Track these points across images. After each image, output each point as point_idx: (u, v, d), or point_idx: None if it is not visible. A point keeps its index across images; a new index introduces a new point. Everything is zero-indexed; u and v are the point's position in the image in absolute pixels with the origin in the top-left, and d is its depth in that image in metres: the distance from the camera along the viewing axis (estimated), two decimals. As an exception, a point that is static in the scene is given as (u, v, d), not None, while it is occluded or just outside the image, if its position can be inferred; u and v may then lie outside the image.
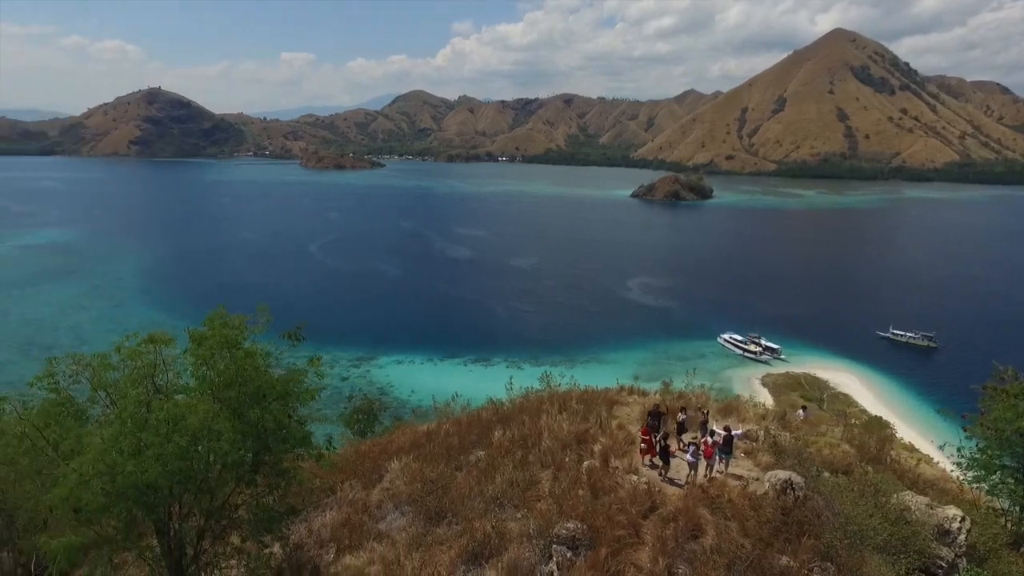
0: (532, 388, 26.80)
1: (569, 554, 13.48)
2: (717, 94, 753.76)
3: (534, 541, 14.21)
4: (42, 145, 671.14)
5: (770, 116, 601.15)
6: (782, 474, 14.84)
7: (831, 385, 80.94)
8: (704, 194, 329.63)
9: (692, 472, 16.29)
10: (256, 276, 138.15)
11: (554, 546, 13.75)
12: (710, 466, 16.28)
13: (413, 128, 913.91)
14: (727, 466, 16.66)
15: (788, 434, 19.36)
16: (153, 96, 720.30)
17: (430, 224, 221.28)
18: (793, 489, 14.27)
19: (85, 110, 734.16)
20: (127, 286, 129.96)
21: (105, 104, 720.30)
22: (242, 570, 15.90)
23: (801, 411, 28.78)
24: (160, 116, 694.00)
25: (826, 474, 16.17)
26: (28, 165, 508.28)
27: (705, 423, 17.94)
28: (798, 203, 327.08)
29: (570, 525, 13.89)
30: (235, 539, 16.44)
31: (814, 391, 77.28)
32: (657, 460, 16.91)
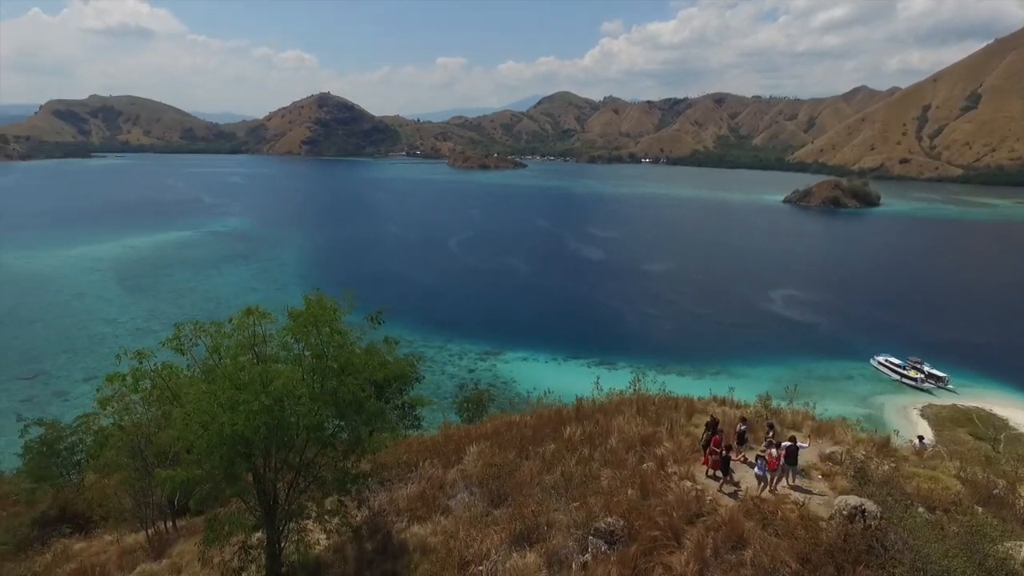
0: (618, 390, 26.32)
1: (604, 547, 14.04)
2: (893, 90, 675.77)
3: (573, 531, 14.80)
4: (232, 144, 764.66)
5: (959, 114, 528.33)
6: (853, 499, 13.67)
7: (1011, 424, 69.53)
8: (869, 201, 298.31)
9: (762, 485, 15.69)
10: (397, 266, 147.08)
11: (591, 538, 14.33)
12: (775, 479, 15.77)
13: (557, 129, 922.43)
14: (793, 478, 15.97)
15: (883, 461, 16.63)
16: (323, 100, 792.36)
17: (566, 224, 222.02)
18: (864, 517, 13.08)
19: (267, 114, 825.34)
20: (289, 271, 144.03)
21: (283, 108, 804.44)
22: (324, 523, 17.67)
23: (917, 440, 25.18)
24: (328, 119, 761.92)
25: (921, 509, 13.68)
26: (219, 162, 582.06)
27: (772, 436, 17.07)
28: (988, 214, 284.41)
29: (610, 520, 14.43)
30: (319, 497, 18.14)
31: (987, 429, 66.80)
32: (719, 472, 16.68)
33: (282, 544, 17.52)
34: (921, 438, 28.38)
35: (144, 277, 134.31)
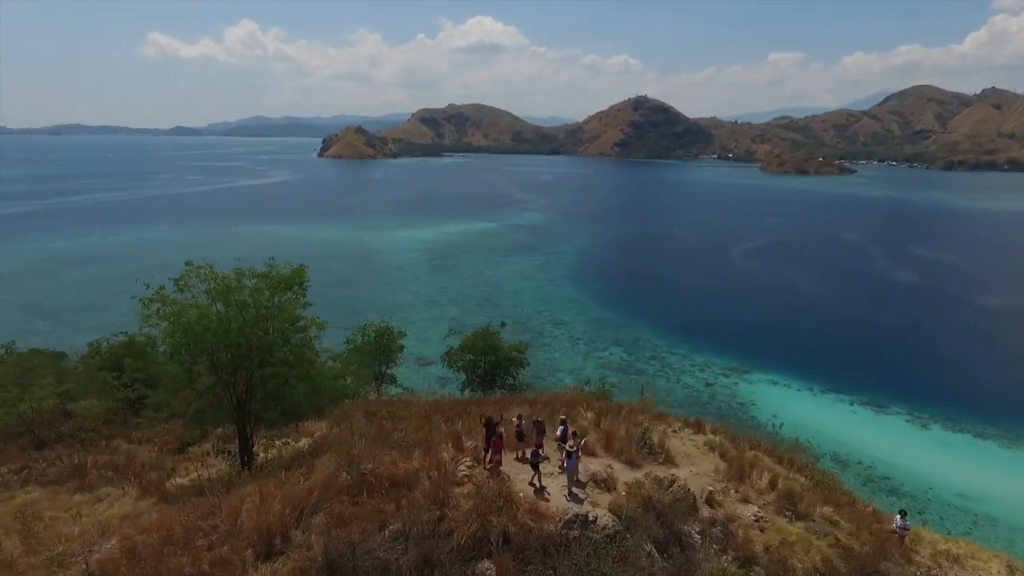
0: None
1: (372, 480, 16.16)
2: None
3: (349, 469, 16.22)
4: (552, 146, 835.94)
5: None
6: (588, 509, 14.69)
7: None
8: None
9: (535, 475, 16.21)
10: (667, 268, 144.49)
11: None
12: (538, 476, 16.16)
13: (906, 129, 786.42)
14: (570, 483, 16.10)
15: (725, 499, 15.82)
16: (639, 104, 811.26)
17: (881, 240, 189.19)
18: (584, 525, 14.16)
19: (585, 117, 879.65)
20: (565, 264, 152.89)
21: (600, 112, 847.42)
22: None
23: (899, 517, 19.46)
24: (641, 121, 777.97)
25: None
26: (537, 161, 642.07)
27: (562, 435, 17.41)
28: None
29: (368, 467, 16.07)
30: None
31: None
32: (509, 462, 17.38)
33: (252, 438, 23.10)
34: (903, 512, 19.82)
35: (447, 259, 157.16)
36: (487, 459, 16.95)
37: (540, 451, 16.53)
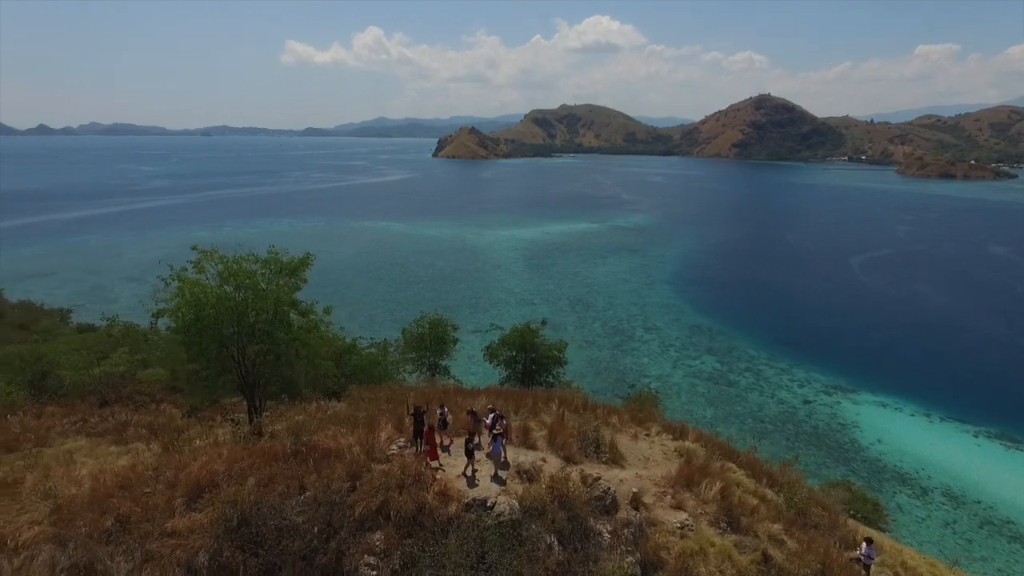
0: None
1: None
2: None
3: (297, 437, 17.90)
4: (666, 147, 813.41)
5: None
6: (487, 495, 15.40)
7: None
8: None
9: (468, 462, 17.01)
10: (775, 275, 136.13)
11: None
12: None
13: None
14: (497, 467, 17.02)
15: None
16: (760, 103, 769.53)
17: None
18: (482, 508, 14.97)
19: (702, 117, 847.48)
20: (665, 268, 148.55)
21: (719, 112, 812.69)
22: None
23: (864, 544, 17.70)
24: (763, 121, 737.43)
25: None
26: (649, 162, 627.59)
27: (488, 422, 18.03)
28: None
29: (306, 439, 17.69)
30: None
31: None
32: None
33: (258, 409, 24.59)
34: (868, 540, 17.60)
35: (545, 258, 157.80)
36: (417, 448, 17.53)
37: (473, 439, 17.03)
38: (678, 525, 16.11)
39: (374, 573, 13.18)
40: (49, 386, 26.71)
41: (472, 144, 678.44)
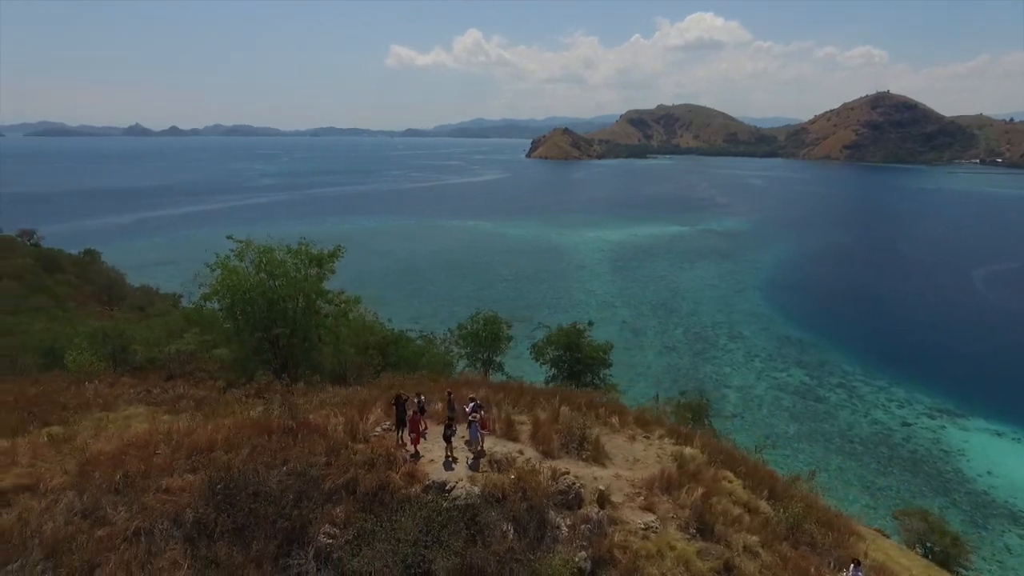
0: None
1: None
2: None
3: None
4: (769, 148, 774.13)
5: None
6: (451, 478, 16.39)
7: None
8: None
9: (448, 448, 17.83)
10: (882, 286, 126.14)
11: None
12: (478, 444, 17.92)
13: None
14: (476, 448, 17.78)
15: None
16: (878, 101, 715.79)
17: None
18: (440, 491, 15.88)
19: (811, 117, 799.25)
20: (757, 274, 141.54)
21: (830, 111, 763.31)
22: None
23: (852, 566, 16.54)
24: (880, 120, 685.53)
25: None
26: (748, 164, 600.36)
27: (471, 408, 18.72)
28: None
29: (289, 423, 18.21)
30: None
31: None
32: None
33: (291, 387, 25.20)
34: (856, 563, 16.81)
35: (631, 261, 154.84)
36: (400, 436, 18.25)
37: (452, 426, 17.88)
38: (642, 526, 15.98)
39: (331, 542, 14.24)
40: (128, 359, 30.09)
41: (565, 145, 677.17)
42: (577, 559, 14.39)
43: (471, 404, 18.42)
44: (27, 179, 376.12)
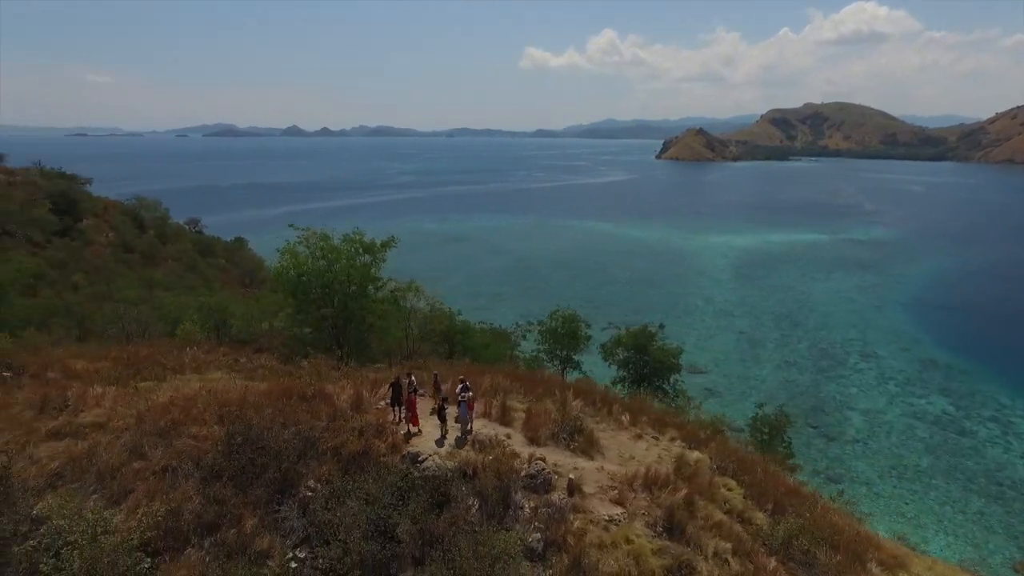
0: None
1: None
2: None
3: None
4: (936, 150, 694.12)
5: None
6: (427, 452, 17.62)
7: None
8: None
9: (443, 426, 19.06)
10: None
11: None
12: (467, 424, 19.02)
13: None
14: (465, 427, 18.88)
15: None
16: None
17: None
18: (415, 463, 17.09)
19: (992, 115, 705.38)
20: (902, 289, 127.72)
21: (1016, 107, 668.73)
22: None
23: None
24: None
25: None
26: (907, 168, 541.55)
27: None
28: None
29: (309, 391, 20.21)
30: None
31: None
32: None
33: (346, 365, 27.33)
34: None
35: (758, 268, 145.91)
36: (397, 415, 19.38)
37: (444, 405, 19.00)
38: (606, 517, 16.04)
39: (311, 494, 15.87)
40: (229, 332, 33.71)
41: (698, 146, 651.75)
42: (530, 539, 14.96)
43: (460, 385, 19.29)
44: (203, 175, 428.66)
